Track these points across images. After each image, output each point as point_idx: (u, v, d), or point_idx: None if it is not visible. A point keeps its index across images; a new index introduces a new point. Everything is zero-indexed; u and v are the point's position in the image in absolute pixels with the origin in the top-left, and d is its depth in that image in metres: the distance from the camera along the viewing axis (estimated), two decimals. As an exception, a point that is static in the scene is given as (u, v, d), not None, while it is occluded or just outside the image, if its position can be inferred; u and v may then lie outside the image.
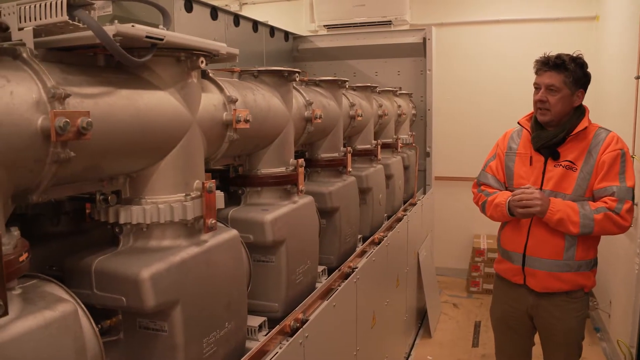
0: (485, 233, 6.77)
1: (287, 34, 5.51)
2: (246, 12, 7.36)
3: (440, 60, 5.88)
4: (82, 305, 1.36)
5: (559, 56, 2.72)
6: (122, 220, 1.60)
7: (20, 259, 1.18)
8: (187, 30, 1.80)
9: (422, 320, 5.44)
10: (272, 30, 5.13)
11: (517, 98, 6.31)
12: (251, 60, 4.63)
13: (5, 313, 1.08)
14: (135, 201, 1.63)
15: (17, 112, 1.16)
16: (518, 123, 2.98)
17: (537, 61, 2.79)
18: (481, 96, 6.75)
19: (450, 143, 6.70)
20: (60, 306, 1.23)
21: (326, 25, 6.17)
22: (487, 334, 5.29)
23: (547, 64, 2.73)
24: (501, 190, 2.94)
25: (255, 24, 4.76)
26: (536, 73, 2.80)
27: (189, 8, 3.77)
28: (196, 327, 1.66)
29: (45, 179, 1.28)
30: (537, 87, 2.79)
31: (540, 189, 2.79)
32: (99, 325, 1.51)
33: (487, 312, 5.68)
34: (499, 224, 3.07)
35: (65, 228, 1.92)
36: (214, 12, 4.11)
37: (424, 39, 5.42)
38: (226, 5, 6.76)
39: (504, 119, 6.11)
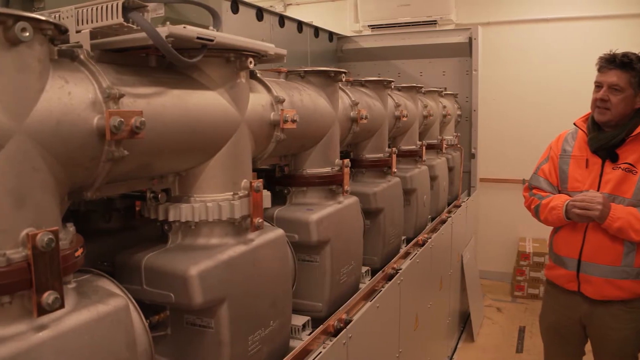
0: (531, 236, 6.63)
1: (331, 35, 5.52)
2: (290, 12, 7.40)
3: (486, 60, 5.78)
4: (133, 301, 1.39)
5: (626, 55, 2.58)
6: (171, 218, 1.63)
7: (76, 254, 1.21)
8: (233, 31, 1.80)
9: (464, 323, 5.36)
10: (317, 30, 5.14)
11: (565, 98, 6.17)
12: (296, 61, 4.65)
13: (62, 306, 1.12)
14: (184, 199, 1.66)
15: (75, 112, 1.20)
16: (574, 124, 2.86)
17: (601, 58, 2.66)
18: (528, 97, 6.61)
19: (496, 144, 6.58)
20: (112, 301, 1.27)
21: (370, 25, 6.15)
22: (531, 339, 5.17)
23: (612, 62, 2.60)
24: (554, 194, 2.84)
25: (300, 25, 4.78)
26: (599, 70, 2.66)
27: (235, 9, 3.82)
28: (242, 325, 1.67)
29: (99, 176, 1.32)
30: (598, 85, 2.66)
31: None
32: (148, 320, 1.54)
33: (532, 318, 5.57)
34: (546, 227, 2.98)
35: (116, 224, 1.97)
36: (260, 13, 4.15)
37: (470, 38, 5.34)
38: (271, 6, 6.81)
39: (551, 120, 6.01)
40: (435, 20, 5.88)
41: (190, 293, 1.52)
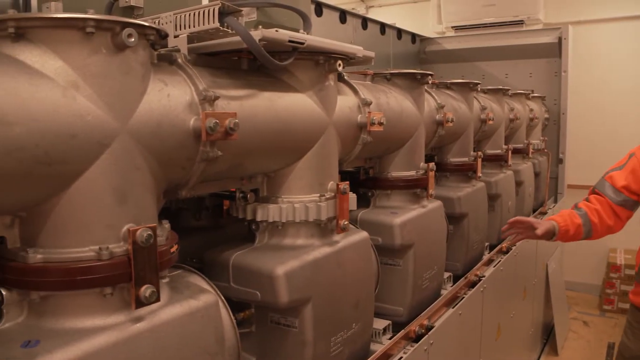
0: (622, 247, 6.27)
1: (414, 36, 5.46)
2: (372, 14, 7.38)
3: (577, 61, 5.53)
4: (222, 297, 1.43)
5: None
6: (259, 218, 1.67)
7: (171, 250, 1.26)
8: (316, 34, 1.82)
9: (548, 336, 5.15)
10: (399, 32, 5.11)
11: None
12: (378, 63, 4.64)
13: (158, 299, 1.16)
14: (272, 200, 1.69)
15: (173, 113, 1.25)
16: None
17: None
18: (621, 99, 6.26)
19: (585, 149, 6.27)
20: (203, 296, 1.31)
21: (454, 27, 6.04)
22: (622, 356, 4.90)
23: None
24: (617, 201, 2.52)
25: (383, 27, 4.77)
26: None
27: (319, 12, 3.85)
28: (325, 326, 1.68)
29: (194, 176, 1.36)
30: None
31: None
32: (234, 317, 1.57)
33: (622, 333, 5.27)
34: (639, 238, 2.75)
35: (205, 223, 2.03)
36: (343, 15, 4.17)
37: (560, 38, 5.13)
38: (353, 8, 6.83)
39: (648, 125, 5.67)
40: (522, 20, 5.69)
41: (276, 292, 1.54)
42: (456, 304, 2.52)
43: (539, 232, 2.43)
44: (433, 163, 2.43)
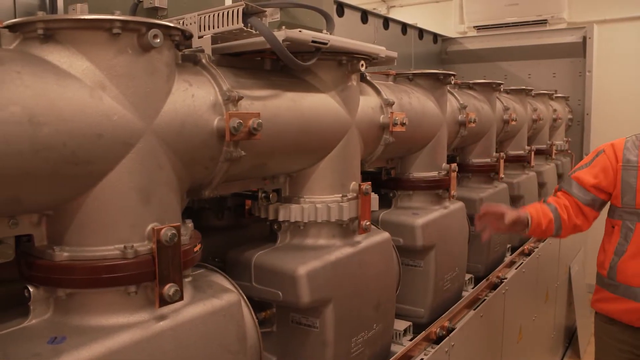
0: (647, 250, 6.16)
1: (435, 36, 5.43)
2: (393, 14, 7.35)
3: (601, 60, 5.44)
4: (244, 297, 1.44)
5: None
6: (281, 218, 1.67)
7: (195, 249, 1.27)
8: (338, 34, 1.81)
9: (570, 339, 5.07)
10: (421, 32, 5.09)
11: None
12: (400, 63, 4.62)
13: (181, 298, 1.17)
14: (294, 200, 1.70)
15: (198, 113, 1.26)
16: None
17: None
18: (647, 99, 6.16)
19: (610, 151, 6.18)
20: (225, 296, 1.31)
21: (476, 26, 6.00)
22: (646, 360, 4.81)
23: None
24: (583, 199, 2.37)
25: (404, 27, 4.75)
26: None
27: (340, 12, 3.85)
28: (346, 326, 1.68)
29: (217, 175, 1.37)
30: None
31: None
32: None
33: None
34: None
35: (227, 222, 2.04)
36: (364, 15, 4.17)
37: (584, 37, 5.07)
38: (374, 8, 6.81)
39: (675, 126, 5.55)
40: (546, 20, 5.63)
41: (298, 292, 1.54)
42: (477, 306, 2.50)
43: (506, 220, 2.22)
44: (455, 164, 2.41)
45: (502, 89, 3.44)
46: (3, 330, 1.10)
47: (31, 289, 1.13)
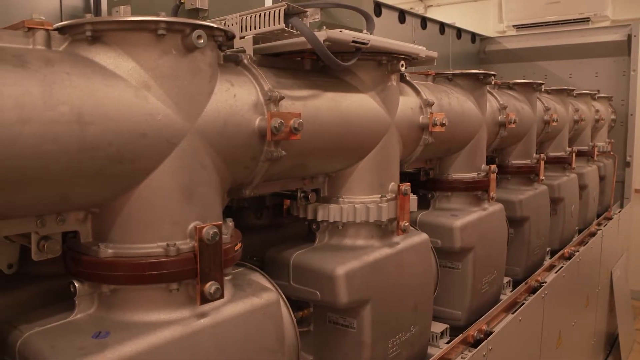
0: (693, 255, 5.98)
1: (474, 36, 5.37)
2: (431, 14, 7.29)
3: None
4: (283, 296, 1.44)
5: None
6: (319, 218, 1.67)
7: (235, 248, 1.28)
8: (375, 34, 1.80)
9: (611, 347, 4.95)
10: (459, 32, 5.03)
11: None
12: (437, 63, 4.58)
13: (222, 296, 1.19)
14: (333, 200, 1.70)
15: (239, 113, 1.27)
16: None
17: None
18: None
19: (655, 152, 6.01)
20: (265, 294, 1.32)
21: (515, 25, 5.91)
22: (692, 370, 4.67)
23: None
24: None
25: (442, 26, 4.71)
26: None
27: (378, 12, 3.84)
28: (383, 327, 1.67)
29: (258, 175, 1.38)
30: None
31: None
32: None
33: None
34: None
35: (265, 221, 2.06)
36: (402, 15, 4.15)
37: (629, 35, 4.93)
38: (411, 8, 6.77)
39: None
40: (588, 18, 5.51)
41: (336, 292, 1.54)
42: (516, 310, 2.47)
43: None
44: (494, 165, 2.38)
45: (542, 89, 3.38)
46: (50, 324, 1.13)
47: (77, 284, 1.15)
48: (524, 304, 2.55)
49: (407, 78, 1.99)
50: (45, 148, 0.95)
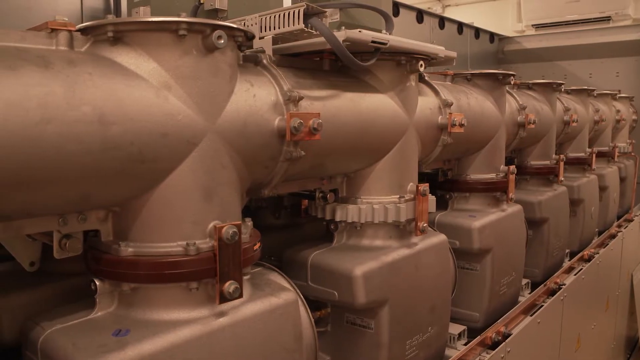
0: None
1: (492, 35, 5.34)
2: (449, 13, 7.27)
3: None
4: (301, 296, 1.45)
5: None
6: (338, 218, 1.67)
7: (254, 247, 1.28)
8: (393, 34, 1.80)
9: (631, 351, 4.89)
10: (477, 31, 5.01)
11: None
12: (456, 63, 4.57)
13: (241, 295, 1.19)
14: (351, 200, 1.69)
15: (259, 113, 1.27)
16: None
17: None
18: None
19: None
20: (283, 294, 1.32)
21: (535, 25, 5.87)
22: None
23: None
24: None
25: (460, 26, 4.69)
26: None
27: (395, 12, 3.83)
28: (401, 328, 1.67)
29: (277, 175, 1.38)
30: None
31: None
32: (311, 316, 1.59)
33: None
34: None
35: (283, 221, 2.06)
36: (420, 15, 4.13)
37: (652, 34, 4.87)
38: (429, 7, 6.74)
39: None
40: (609, 17, 5.45)
41: (354, 292, 1.54)
42: (534, 312, 2.44)
43: None
44: (513, 166, 2.36)
45: (562, 89, 3.35)
46: (71, 322, 1.14)
47: (97, 282, 1.16)
48: (542, 306, 2.53)
49: (426, 78, 1.98)
50: (69, 147, 0.96)
